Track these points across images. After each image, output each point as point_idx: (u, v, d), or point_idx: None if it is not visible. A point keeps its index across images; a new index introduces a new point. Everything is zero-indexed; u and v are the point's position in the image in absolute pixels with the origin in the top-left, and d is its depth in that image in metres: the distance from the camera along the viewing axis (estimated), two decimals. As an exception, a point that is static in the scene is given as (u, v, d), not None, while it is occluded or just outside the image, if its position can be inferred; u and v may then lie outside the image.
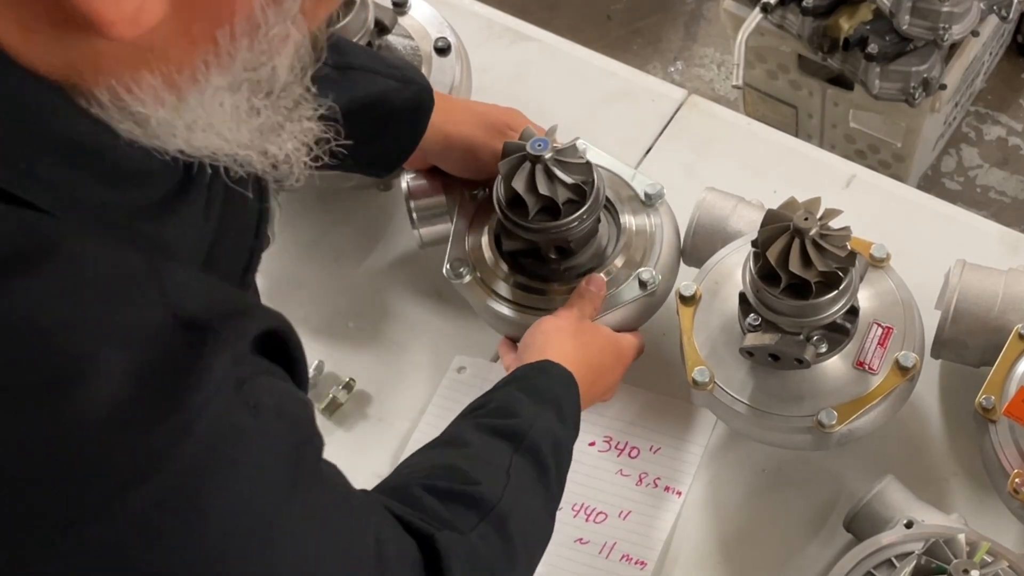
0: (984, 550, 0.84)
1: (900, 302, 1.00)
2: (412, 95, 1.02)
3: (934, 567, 0.82)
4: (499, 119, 1.07)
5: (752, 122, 1.31)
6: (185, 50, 0.49)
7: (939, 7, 1.71)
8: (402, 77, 1.02)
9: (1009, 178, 2.27)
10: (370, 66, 1.01)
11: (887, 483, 0.97)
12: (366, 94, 0.99)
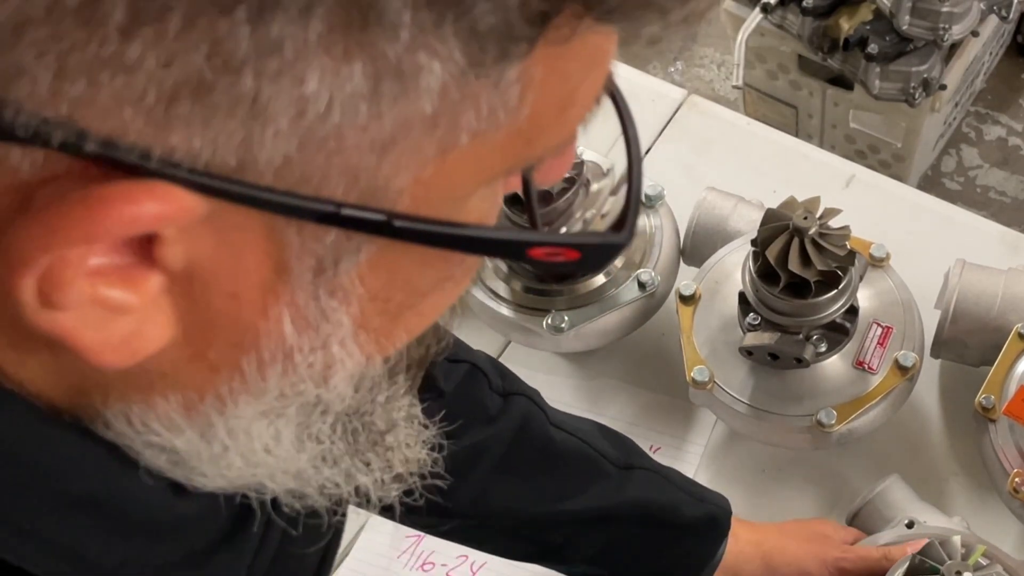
0: (980, 553, 0.83)
1: (900, 302, 1.00)
2: (707, 511, 0.91)
3: (928, 567, 0.81)
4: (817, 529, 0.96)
5: (752, 122, 1.31)
6: (205, 378, 0.40)
7: (939, 7, 1.71)
8: (696, 494, 0.92)
9: (1009, 178, 2.27)
10: (657, 469, 0.92)
11: (891, 482, 0.97)
12: (650, 498, 0.89)
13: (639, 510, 0.88)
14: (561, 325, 1.02)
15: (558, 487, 0.87)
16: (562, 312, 1.03)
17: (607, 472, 0.87)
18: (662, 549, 0.90)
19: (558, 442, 0.87)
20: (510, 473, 0.85)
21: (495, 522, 0.87)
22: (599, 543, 0.88)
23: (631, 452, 0.91)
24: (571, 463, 0.88)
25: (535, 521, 0.87)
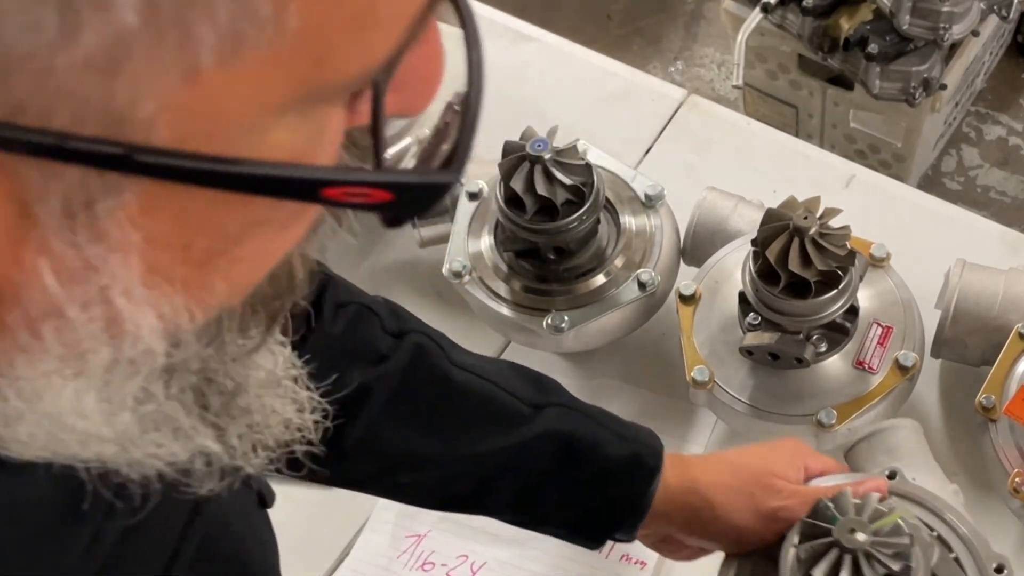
0: (893, 518, 0.72)
1: (900, 302, 1.00)
2: (632, 450, 0.83)
3: (822, 529, 0.72)
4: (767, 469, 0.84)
5: (752, 122, 1.31)
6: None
7: (939, 7, 1.71)
8: (621, 432, 0.85)
9: (1009, 178, 2.27)
10: (575, 405, 0.85)
11: (899, 425, 0.91)
12: (564, 434, 0.82)
13: (552, 448, 0.82)
14: (561, 325, 1.02)
15: (457, 428, 0.82)
16: (562, 312, 1.03)
17: (517, 412, 0.82)
18: (582, 492, 0.83)
19: (458, 382, 0.82)
20: (402, 414, 0.81)
21: (395, 468, 0.83)
22: (515, 488, 0.83)
23: (549, 391, 0.85)
24: (473, 403, 0.83)
25: (435, 464, 0.82)
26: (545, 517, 0.85)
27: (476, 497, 0.84)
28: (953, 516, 0.78)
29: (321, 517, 1.09)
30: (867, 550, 0.68)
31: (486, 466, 0.82)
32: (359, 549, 1.06)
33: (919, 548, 0.70)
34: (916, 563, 0.69)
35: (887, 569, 0.68)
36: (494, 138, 1.02)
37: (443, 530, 1.06)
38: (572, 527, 0.85)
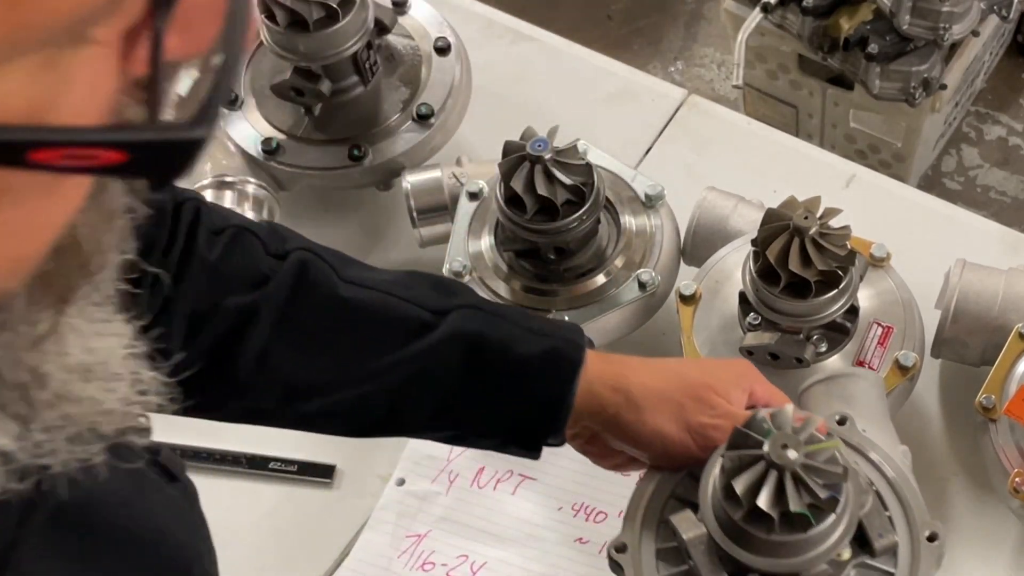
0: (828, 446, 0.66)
1: (900, 302, 1.00)
2: (549, 345, 0.78)
3: (753, 440, 0.67)
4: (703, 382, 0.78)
5: (752, 122, 1.31)
6: None
7: (939, 7, 1.71)
8: (537, 328, 0.79)
9: (1009, 178, 2.27)
10: (484, 306, 0.80)
11: (862, 375, 0.87)
12: (471, 335, 0.77)
13: (461, 352, 0.77)
14: (561, 325, 1.02)
15: (355, 344, 0.78)
16: (562, 312, 1.03)
17: (419, 320, 0.77)
18: (501, 395, 0.78)
19: (350, 297, 0.78)
20: (293, 335, 0.77)
21: (297, 394, 0.79)
22: (431, 401, 0.78)
23: (454, 294, 0.80)
24: (368, 317, 0.78)
25: (339, 386, 0.78)
26: (469, 428, 0.81)
27: (394, 417, 0.80)
28: (896, 475, 0.74)
29: (321, 517, 1.09)
30: (796, 471, 0.64)
31: (393, 381, 0.77)
32: (359, 549, 1.07)
33: (852, 485, 0.66)
34: (845, 497, 0.65)
35: (813, 497, 0.64)
36: (494, 138, 1.02)
37: (443, 530, 1.06)
38: (500, 436, 0.80)
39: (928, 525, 0.72)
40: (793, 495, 0.64)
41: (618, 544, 0.74)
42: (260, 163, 1.16)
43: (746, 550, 0.66)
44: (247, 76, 1.20)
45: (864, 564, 0.71)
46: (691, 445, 0.76)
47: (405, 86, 1.17)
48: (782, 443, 0.65)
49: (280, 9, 1.06)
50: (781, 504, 0.64)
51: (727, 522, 0.66)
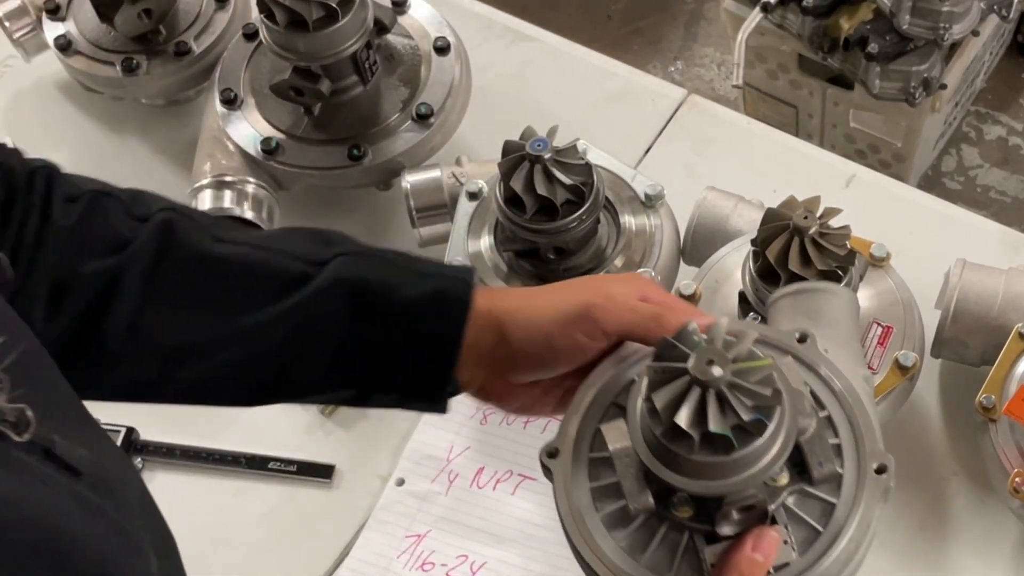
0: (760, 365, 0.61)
1: (900, 301, 1.00)
2: (435, 286, 0.74)
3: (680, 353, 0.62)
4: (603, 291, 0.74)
5: (752, 122, 1.31)
6: None
7: (939, 7, 1.71)
8: (423, 270, 0.76)
9: (1009, 178, 2.27)
10: (367, 251, 0.77)
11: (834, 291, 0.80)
12: (351, 280, 0.74)
13: (343, 300, 0.73)
14: (561, 325, 1.02)
15: (230, 302, 0.74)
16: (562, 312, 1.02)
17: (297, 272, 0.74)
18: (391, 342, 0.74)
19: (221, 254, 0.75)
20: (163, 297, 0.74)
21: (176, 361, 0.75)
22: (319, 356, 0.74)
23: (335, 244, 0.76)
24: (242, 273, 0.75)
25: (219, 347, 0.74)
26: (367, 383, 0.76)
27: (285, 377, 0.76)
28: (851, 401, 0.69)
29: (321, 517, 1.09)
30: (720, 389, 0.59)
31: (277, 336, 0.74)
32: (359, 549, 1.06)
33: (786, 409, 0.61)
34: (777, 421, 0.60)
35: (736, 418, 0.59)
36: (494, 138, 1.02)
37: (443, 530, 1.06)
38: (399, 388, 0.76)
39: (878, 456, 0.67)
40: (715, 415, 0.59)
41: (550, 449, 0.70)
42: (260, 163, 1.16)
43: (669, 468, 0.62)
44: (247, 76, 1.20)
45: (803, 492, 0.66)
46: (581, 339, 0.71)
47: (405, 86, 1.17)
48: (708, 358, 0.59)
49: (280, 9, 1.06)
50: (702, 423, 0.59)
51: (650, 438, 0.62)
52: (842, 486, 0.66)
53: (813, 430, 0.65)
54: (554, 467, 0.70)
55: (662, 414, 0.60)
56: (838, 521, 0.65)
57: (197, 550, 1.08)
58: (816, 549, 0.65)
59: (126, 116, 1.35)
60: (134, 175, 1.31)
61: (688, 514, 0.65)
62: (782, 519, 0.65)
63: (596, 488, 0.68)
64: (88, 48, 1.27)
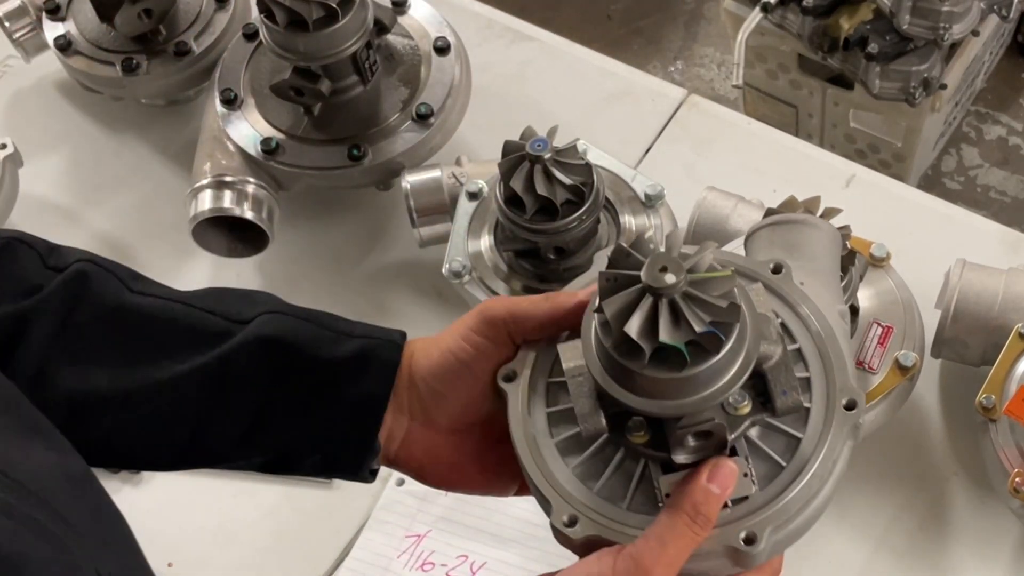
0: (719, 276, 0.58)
1: (900, 301, 1.00)
2: (358, 346, 0.72)
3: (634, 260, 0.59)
4: None
5: (752, 122, 1.31)
6: None
7: (939, 7, 1.71)
8: (348, 330, 0.73)
9: (1009, 178, 2.27)
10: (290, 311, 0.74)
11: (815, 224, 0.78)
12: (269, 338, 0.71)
13: (262, 358, 0.70)
14: (561, 325, 1.02)
15: (144, 354, 0.71)
16: (562, 312, 1.02)
17: (218, 329, 0.71)
18: (310, 405, 0.71)
19: (137, 306, 0.72)
20: (73, 346, 0.71)
21: (84, 412, 0.71)
22: (236, 417, 0.71)
23: (260, 303, 0.74)
24: (159, 327, 0.72)
25: (129, 401, 0.70)
26: (286, 449, 0.72)
27: (201, 437, 0.72)
28: (824, 335, 0.66)
29: (321, 517, 1.09)
30: (674, 298, 0.56)
31: (191, 393, 0.70)
32: (359, 549, 1.06)
33: (746, 327, 0.58)
34: (736, 338, 0.57)
35: (690, 330, 0.56)
36: (494, 138, 1.02)
37: (443, 530, 1.06)
38: (320, 455, 0.73)
39: (848, 391, 0.64)
40: (667, 325, 0.55)
41: (507, 372, 0.68)
42: (259, 163, 1.16)
43: (621, 386, 0.59)
44: (247, 76, 1.20)
45: (767, 425, 0.63)
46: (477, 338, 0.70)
47: (405, 86, 1.17)
48: (662, 265, 0.56)
49: (280, 9, 1.06)
50: (653, 334, 0.56)
51: (602, 353, 0.59)
52: (809, 421, 0.63)
53: (778, 358, 0.62)
54: (509, 391, 0.68)
55: (612, 323, 0.57)
56: (802, 456, 0.63)
57: (197, 550, 1.08)
58: (778, 484, 0.62)
59: (126, 116, 1.35)
60: (134, 175, 1.31)
61: (644, 440, 0.62)
62: (743, 451, 0.63)
63: (553, 413, 0.66)
64: (88, 48, 1.27)
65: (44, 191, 1.30)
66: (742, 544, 0.60)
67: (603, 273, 0.58)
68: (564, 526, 0.64)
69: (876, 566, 1.01)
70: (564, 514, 0.64)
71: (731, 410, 0.61)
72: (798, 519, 0.62)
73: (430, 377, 0.71)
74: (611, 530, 0.63)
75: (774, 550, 0.62)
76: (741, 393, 0.61)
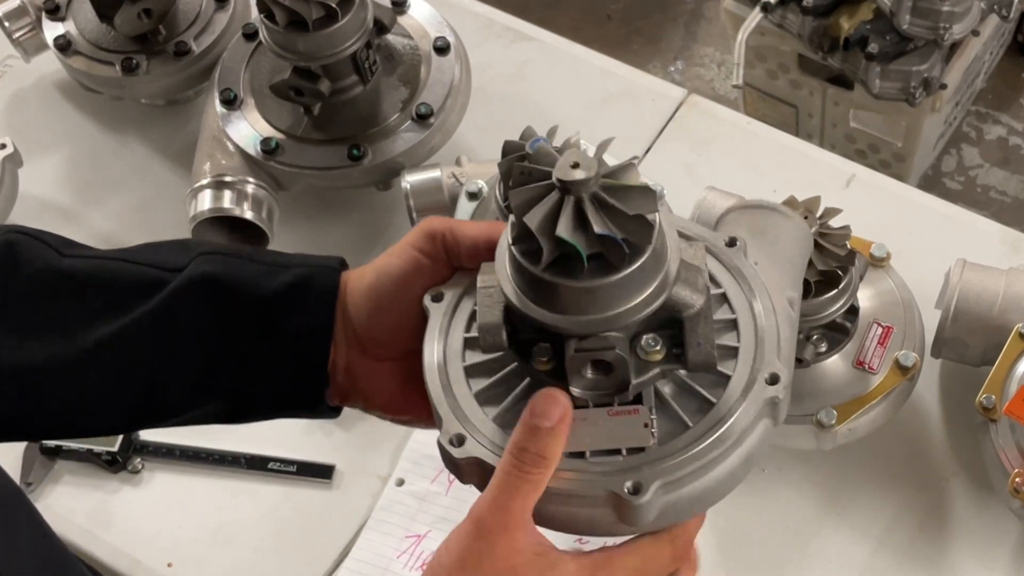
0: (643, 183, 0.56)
1: (900, 301, 1.00)
2: (295, 275, 0.71)
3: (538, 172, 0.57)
4: None
5: (752, 122, 1.31)
6: None
7: (940, 6, 1.71)
8: (283, 262, 0.72)
9: (1009, 178, 2.27)
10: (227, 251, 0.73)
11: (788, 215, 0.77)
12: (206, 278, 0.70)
13: (201, 301, 0.69)
14: (561, 325, 1.02)
15: (82, 315, 0.70)
16: (562, 312, 1.02)
17: (154, 279, 0.70)
18: (256, 342, 0.70)
19: (71, 268, 0.71)
20: (6, 318, 0.70)
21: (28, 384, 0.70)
22: (187, 366, 0.70)
23: (199, 247, 0.72)
24: (94, 285, 0.71)
25: (76, 365, 0.69)
26: (241, 393, 0.71)
27: (156, 391, 0.71)
28: (763, 310, 0.64)
29: (321, 517, 1.09)
30: (581, 196, 0.54)
31: (138, 346, 0.69)
32: (359, 549, 1.06)
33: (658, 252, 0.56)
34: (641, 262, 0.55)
35: (590, 233, 0.54)
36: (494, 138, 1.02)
37: (443, 530, 1.06)
38: (275, 394, 0.72)
39: (772, 365, 0.61)
40: (567, 220, 0.54)
41: (435, 292, 0.67)
42: (259, 163, 1.16)
43: (520, 290, 0.58)
44: (247, 76, 1.20)
45: (685, 385, 0.62)
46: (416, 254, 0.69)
47: (404, 86, 1.17)
48: (574, 162, 0.54)
49: (279, 9, 1.06)
50: (553, 228, 0.54)
51: (512, 262, 0.58)
52: (727, 388, 0.62)
53: (699, 308, 0.60)
54: (433, 310, 0.67)
55: (515, 212, 0.56)
56: (711, 420, 0.60)
57: (197, 550, 1.08)
58: (678, 442, 0.60)
59: (126, 116, 1.35)
60: (134, 175, 1.31)
61: (547, 367, 0.60)
62: (649, 401, 0.61)
63: (470, 338, 0.65)
64: (88, 48, 1.27)
65: (44, 191, 1.30)
66: (625, 492, 0.58)
67: (517, 164, 0.57)
68: (450, 444, 0.62)
69: (876, 566, 1.01)
70: (452, 432, 0.62)
71: (642, 354, 0.59)
72: (694, 483, 0.59)
73: (362, 301, 0.70)
74: (496, 456, 0.61)
75: (666, 514, 0.60)
76: (655, 338, 0.59)
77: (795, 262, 0.75)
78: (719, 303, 0.64)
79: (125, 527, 1.09)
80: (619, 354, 0.58)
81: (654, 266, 0.57)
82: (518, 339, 0.61)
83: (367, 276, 0.71)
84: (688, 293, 0.59)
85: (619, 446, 0.60)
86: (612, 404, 0.61)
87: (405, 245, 0.70)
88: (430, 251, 0.69)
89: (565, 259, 0.55)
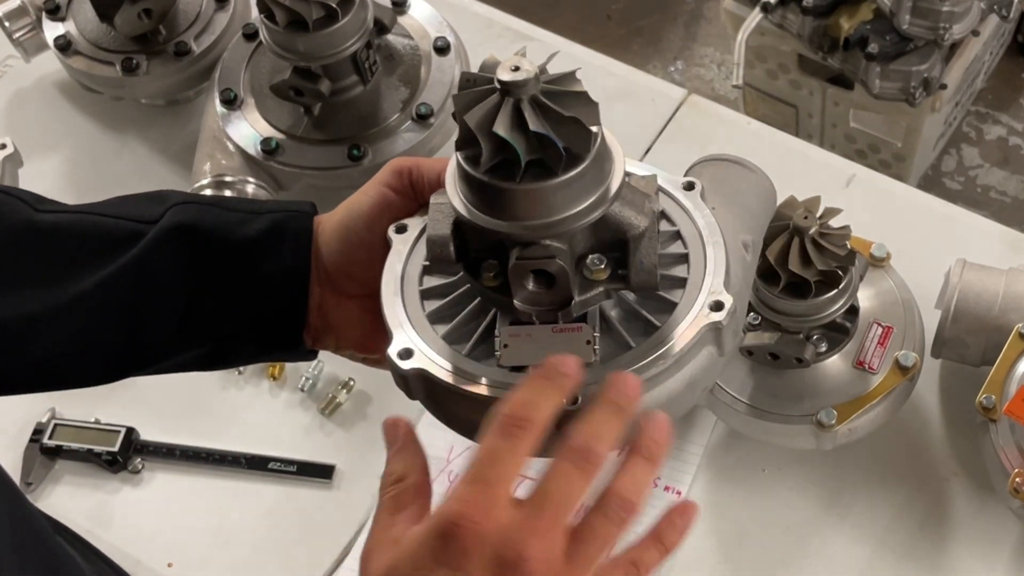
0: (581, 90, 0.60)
1: (900, 301, 1.00)
2: (270, 221, 0.73)
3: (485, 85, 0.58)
4: None
5: (752, 122, 1.31)
6: None
7: (940, 7, 1.71)
8: (257, 208, 0.74)
9: (1009, 178, 2.27)
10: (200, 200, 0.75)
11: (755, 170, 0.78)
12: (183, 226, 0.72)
13: (179, 249, 0.71)
14: (561, 325, 1.02)
15: (61, 267, 0.71)
16: (562, 312, 1.02)
17: (130, 230, 0.72)
18: (235, 288, 0.72)
19: (47, 222, 0.73)
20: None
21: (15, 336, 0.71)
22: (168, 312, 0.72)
23: (174, 197, 0.74)
24: (71, 237, 0.72)
25: (58, 315, 0.71)
26: (222, 336, 0.73)
27: (137, 339, 0.72)
28: (713, 244, 0.66)
29: (321, 517, 1.09)
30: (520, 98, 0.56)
31: (119, 296, 0.71)
32: (359, 549, 1.06)
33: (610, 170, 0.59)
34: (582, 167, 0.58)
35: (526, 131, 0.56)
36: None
37: (443, 530, 1.06)
38: (255, 337, 0.73)
39: (718, 294, 0.63)
40: (505, 118, 0.56)
41: (399, 224, 0.69)
42: (259, 163, 1.16)
43: (467, 200, 0.59)
44: (247, 76, 1.20)
45: (631, 309, 0.64)
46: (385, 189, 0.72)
47: (404, 86, 1.17)
48: (516, 65, 0.56)
49: (280, 9, 1.06)
50: (491, 126, 0.56)
51: (460, 172, 0.59)
52: (673, 314, 0.63)
53: (644, 229, 0.61)
54: (396, 240, 0.69)
55: (456, 114, 0.57)
56: (653, 343, 0.62)
57: (197, 550, 1.08)
58: (620, 362, 0.61)
59: (126, 116, 1.35)
60: (134, 175, 1.31)
61: (494, 283, 0.62)
62: (593, 320, 0.63)
63: (428, 265, 0.67)
64: (88, 48, 1.27)
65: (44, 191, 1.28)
66: (565, 403, 0.59)
67: (464, 72, 0.60)
68: (397, 357, 0.64)
69: (876, 566, 1.01)
70: (401, 346, 0.64)
71: (587, 273, 0.61)
72: None
73: (333, 238, 0.72)
74: (443, 370, 0.63)
75: None
76: (600, 258, 0.61)
77: (753, 210, 0.76)
78: (672, 239, 0.66)
79: (125, 527, 1.09)
80: (560, 264, 0.59)
81: (595, 176, 0.59)
82: (469, 258, 0.63)
83: (338, 213, 0.73)
84: (633, 214, 0.61)
85: None
86: (557, 322, 0.62)
87: (374, 182, 0.73)
88: (397, 186, 0.72)
89: (507, 165, 0.57)
